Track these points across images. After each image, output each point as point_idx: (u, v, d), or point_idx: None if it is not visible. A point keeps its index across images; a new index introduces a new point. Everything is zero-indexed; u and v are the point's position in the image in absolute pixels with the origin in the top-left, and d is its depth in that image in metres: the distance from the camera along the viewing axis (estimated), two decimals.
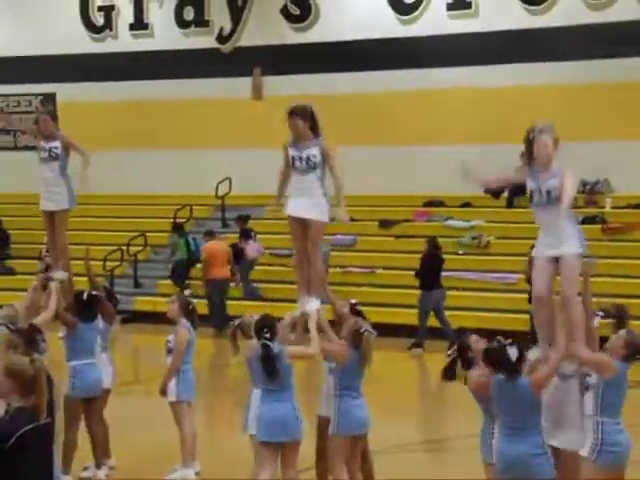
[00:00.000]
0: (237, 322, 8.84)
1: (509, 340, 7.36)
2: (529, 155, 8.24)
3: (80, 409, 9.95)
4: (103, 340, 10.43)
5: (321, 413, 8.82)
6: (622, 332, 7.65)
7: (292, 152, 9.13)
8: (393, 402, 13.36)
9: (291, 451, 8.27)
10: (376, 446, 9.26)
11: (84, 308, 9.99)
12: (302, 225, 8.77)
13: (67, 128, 26.89)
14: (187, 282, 21.41)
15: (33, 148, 11.20)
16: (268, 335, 8.24)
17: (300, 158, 9.05)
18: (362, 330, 8.43)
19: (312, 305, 8.46)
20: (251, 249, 21.62)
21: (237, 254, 21.33)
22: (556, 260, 7.82)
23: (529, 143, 8.40)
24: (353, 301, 9.35)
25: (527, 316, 17.33)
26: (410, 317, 19.47)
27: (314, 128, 9.11)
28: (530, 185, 8.21)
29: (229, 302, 20.66)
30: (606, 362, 7.44)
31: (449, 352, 7.70)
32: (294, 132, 9.06)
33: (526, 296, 19.28)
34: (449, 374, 7.69)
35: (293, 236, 8.88)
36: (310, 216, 8.70)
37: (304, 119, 9.04)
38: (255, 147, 23.83)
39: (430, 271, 18.25)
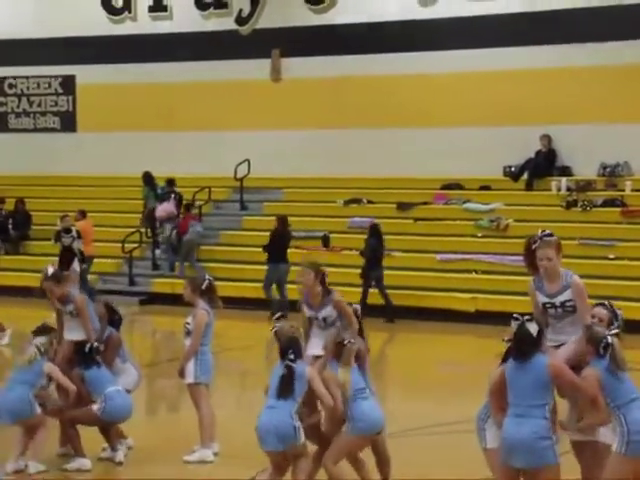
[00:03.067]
0: (274, 330, 8.79)
1: (527, 317, 7.45)
2: (532, 264, 8.27)
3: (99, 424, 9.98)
4: (121, 356, 10.30)
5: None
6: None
7: (307, 311, 9.47)
8: (410, 384, 13.38)
9: (296, 456, 8.29)
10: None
11: (86, 359, 9.86)
12: None
13: (87, 110, 27.19)
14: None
15: (52, 130, 11.07)
16: (293, 357, 8.35)
17: (317, 318, 9.38)
18: (345, 342, 8.49)
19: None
20: (161, 209, 22.47)
21: (151, 216, 22.59)
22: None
23: (530, 252, 8.32)
24: (356, 306, 9.41)
25: None
26: (428, 300, 19.48)
27: (324, 283, 9.41)
28: (541, 299, 8.15)
29: None
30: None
31: (506, 339, 7.70)
32: (304, 281, 9.42)
33: None
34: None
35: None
36: None
37: (316, 275, 9.38)
38: (274, 129, 23.84)
39: (278, 246, 19.53)
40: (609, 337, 7.36)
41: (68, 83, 26.69)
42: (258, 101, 24.21)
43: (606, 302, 8.09)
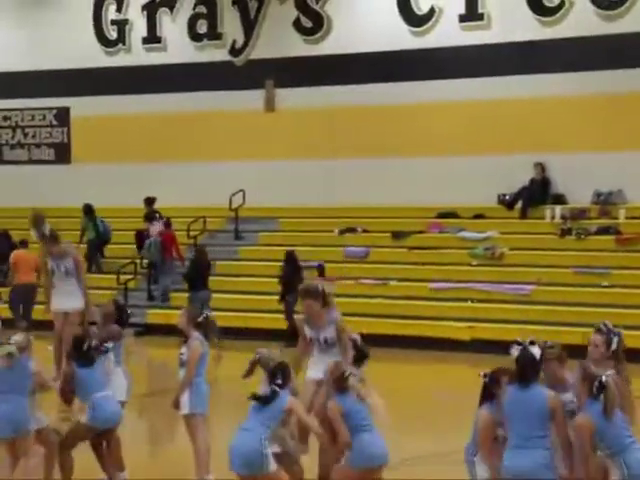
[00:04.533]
0: (257, 356, 8.81)
1: (529, 340, 7.39)
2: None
3: (90, 435, 9.95)
4: (116, 355, 10.43)
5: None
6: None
7: (309, 332, 9.54)
8: (406, 414, 13.33)
9: None
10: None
11: (82, 356, 9.84)
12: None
13: (81, 142, 27.24)
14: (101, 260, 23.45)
15: (47, 162, 11.18)
16: (280, 382, 8.38)
17: (318, 339, 9.47)
18: (345, 374, 8.48)
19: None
20: (154, 230, 22.54)
21: (141, 237, 22.95)
22: None
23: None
24: (356, 336, 9.40)
25: (541, 327, 17.32)
26: (423, 329, 19.45)
27: (325, 303, 9.46)
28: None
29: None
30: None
31: (482, 374, 7.65)
32: (308, 313, 9.46)
33: (540, 307, 19.31)
34: (482, 400, 7.62)
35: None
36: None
37: (317, 299, 9.42)
38: (268, 159, 23.88)
39: (197, 274, 20.58)
40: (604, 377, 7.16)
41: (62, 115, 26.74)
42: (252, 131, 24.27)
43: (602, 325, 7.98)
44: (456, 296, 20.23)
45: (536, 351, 7.28)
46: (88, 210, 23.94)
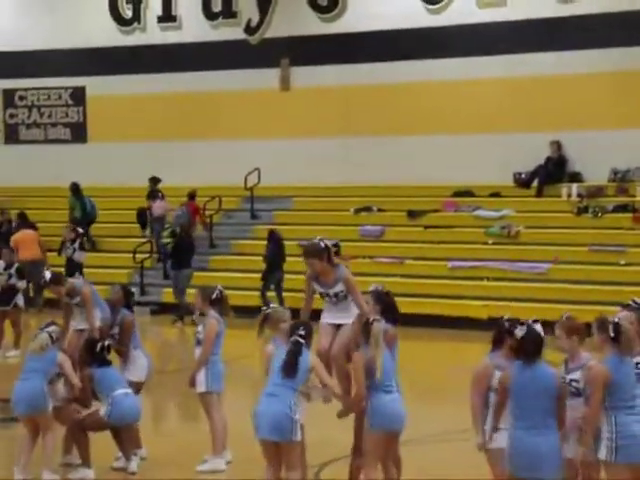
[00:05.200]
0: (267, 311, 8.87)
1: (533, 318, 7.48)
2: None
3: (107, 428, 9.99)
4: (133, 340, 10.49)
5: None
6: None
7: (318, 288, 9.32)
8: (422, 391, 13.35)
9: (289, 452, 8.20)
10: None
11: (97, 358, 9.88)
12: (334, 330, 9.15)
13: (97, 121, 27.26)
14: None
15: (63, 141, 11.22)
16: (303, 333, 8.31)
17: (328, 294, 9.21)
18: (370, 320, 8.36)
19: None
20: (157, 207, 23.17)
21: (143, 216, 23.65)
22: None
23: None
24: (378, 287, 9.17)
25: (557, 305, 17.29)
26: (439, 307, 19.46)
27: (330, 259, 9.24)
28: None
29: None
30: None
31: (504, 318, 7.67)
32: (312, 271, 9.20)
33: (556, 286, 19.28)
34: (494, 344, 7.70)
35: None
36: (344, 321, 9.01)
37: (320, 258, 9.18)
38: (283, 138, 23.86)
39: (180, 254, 20.90)
40: (616, 319, 7.36)
41: (78, 94, 26.76)
42: (267, 110, 24.24)
43: (631, 301, 8.04)
44: (472, 275, 20.22)
45: (540, 329, 7.31)
46: (75, 189, 24.20)
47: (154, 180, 23.96)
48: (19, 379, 9.81)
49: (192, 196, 23.16)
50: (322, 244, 9.21)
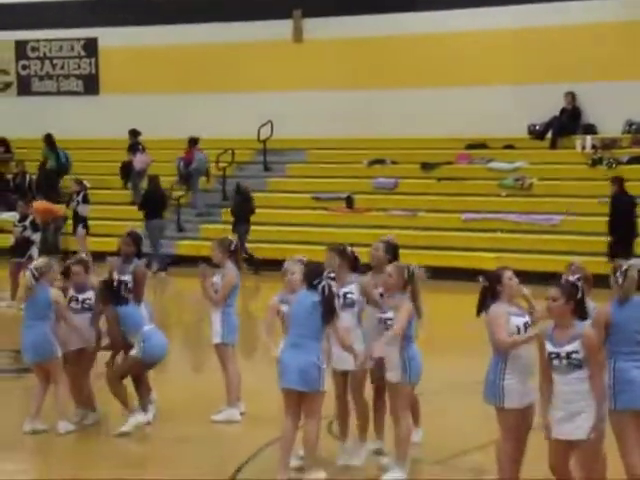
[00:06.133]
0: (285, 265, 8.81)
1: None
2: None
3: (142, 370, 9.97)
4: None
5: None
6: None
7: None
8: (434, 344, 13.39)
9: (312, 401, 8.18)
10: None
11: (116, 296, 9.80)
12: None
13: (109, 73, 27.14)
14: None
15: (75, 93, 11.05)
16: (333, 276, 8.26)
17: (337, 295, 8.60)
18: (411, 269, 8.36)
19: None
20: (138, 161, 23.50)
21: (126, 167, 23.81)
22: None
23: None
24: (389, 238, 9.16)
25: (569, 257, 17.27)
26: (452, 259, 19.47)
27: (354, 268, 8.83)
28: (548, 348, 7.20)
29: None
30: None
31: (480, 279, 7.69)
32: (328, 266, 8.67)
33: (569, 237, 19.25)
34: (482, 306, 7.69)
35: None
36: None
37: (342, 257, 8.79)
38: (296, 90, 23.76)
39: (151, 204, 21.12)
40: (626, 265, 7.37)
41: (90, 46, 26.67)
42: (280, 62, 24.13)
43: None
44: (485, 227, 20.21)
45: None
46: (49, 141, 24.55)
47: (134, 133, 24.19)
48: (23, 327, 9.82)
49: (194, 141, 23.30)
50: (349, 249, 8.86)
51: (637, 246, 18.31)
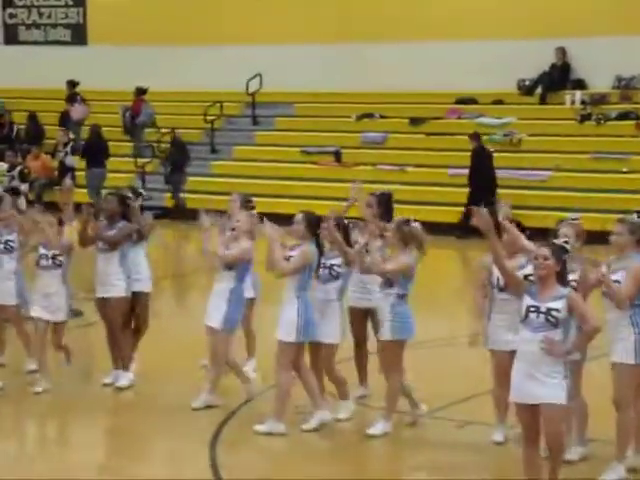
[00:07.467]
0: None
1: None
2: None
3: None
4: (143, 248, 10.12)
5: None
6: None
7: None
8: (421, 299, 13.43)
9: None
10: None
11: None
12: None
13: (97, 25, 26.88)
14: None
15: (63, 43, 10.93)
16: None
17: (324, 264, 8.68)
18: (409, 222, 8.46)
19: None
20: (76, 111, 23.77)
21: (64, 117, 23.87)
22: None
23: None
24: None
25: (557, 213, 17.31)
26: (440, 214, 19.48)
27: (348, 241, 8.79)
28: (527, 301, 6.87)
29: None
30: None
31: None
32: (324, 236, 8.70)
33: (557, 193, 19.29)
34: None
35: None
36: None
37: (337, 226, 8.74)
38: (286, 43, 23.59)
39: (90, 153, 21.47)
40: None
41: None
42: (270, 14, 23.94)
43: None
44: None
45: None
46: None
47: (72, 83, 24.23)
48: None
49: (142, 91, 23.39)
50: (345, 222, 8.86)
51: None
